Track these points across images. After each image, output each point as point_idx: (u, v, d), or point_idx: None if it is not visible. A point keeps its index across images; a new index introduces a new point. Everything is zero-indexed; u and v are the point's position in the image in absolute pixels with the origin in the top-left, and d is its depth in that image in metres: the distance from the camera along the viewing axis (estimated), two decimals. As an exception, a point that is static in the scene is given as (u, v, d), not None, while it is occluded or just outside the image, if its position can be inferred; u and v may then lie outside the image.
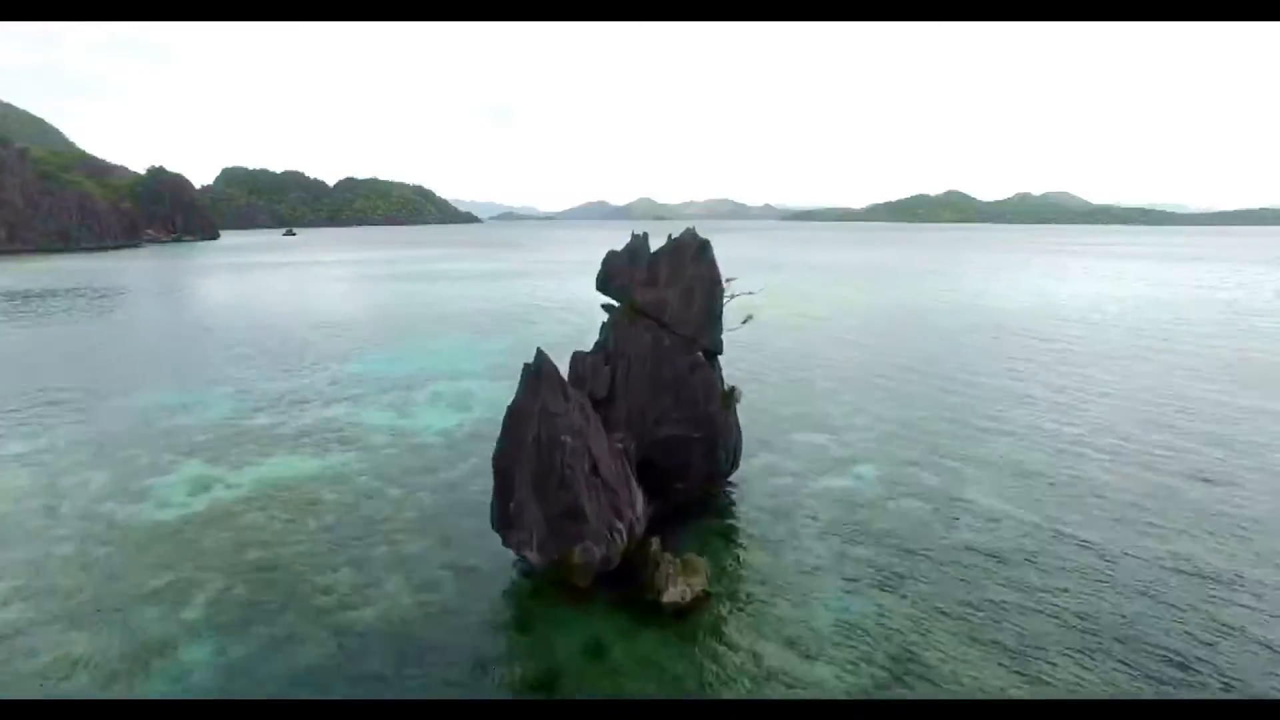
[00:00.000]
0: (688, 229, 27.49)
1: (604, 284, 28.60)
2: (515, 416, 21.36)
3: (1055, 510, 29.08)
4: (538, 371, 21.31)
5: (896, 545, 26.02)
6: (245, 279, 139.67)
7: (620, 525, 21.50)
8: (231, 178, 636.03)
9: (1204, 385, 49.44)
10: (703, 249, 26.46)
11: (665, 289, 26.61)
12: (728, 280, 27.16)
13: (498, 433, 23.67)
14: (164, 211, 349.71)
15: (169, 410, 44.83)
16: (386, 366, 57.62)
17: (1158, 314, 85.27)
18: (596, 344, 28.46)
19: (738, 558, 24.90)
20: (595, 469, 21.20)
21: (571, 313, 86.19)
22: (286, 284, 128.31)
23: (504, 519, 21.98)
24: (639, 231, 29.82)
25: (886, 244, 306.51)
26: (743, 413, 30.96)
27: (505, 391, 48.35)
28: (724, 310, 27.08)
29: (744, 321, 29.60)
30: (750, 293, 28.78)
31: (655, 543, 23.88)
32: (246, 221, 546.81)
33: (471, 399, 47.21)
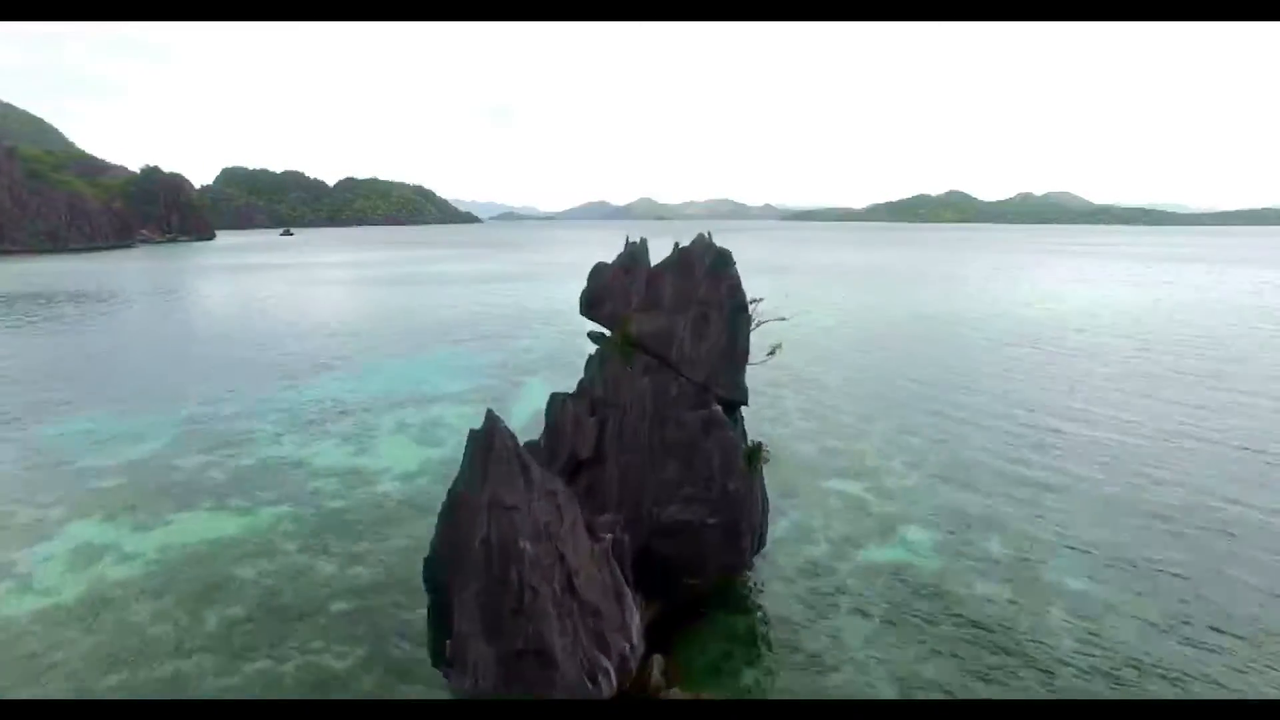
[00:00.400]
0: (700, 234, 21.13)
1: (589, 307, 22.14)
2: (456, 508, 14.97)
3: (1169, 603, 22.59)
4: (487, 444, 14.86)
5: (979, 657, 19.51)
6: (229, 282, 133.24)
7: (607, 663, 15.06)
8: (231, 177, 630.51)
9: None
10: (720, 262, 19.95)
11: (671, 315, 20.16)
12: (753, 302, 20.71)
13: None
14: (158, 212, 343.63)
15: (89, 442, 38.42)
16: (353, 386, 51.17)
17: (1207, 322, 78.55)
18: (580, 384, 22.01)
19: (771, 684, 18.39)
20: (570, 584, 14.79)
21: (564, 322, 79.70)
22: (271, 288, 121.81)
23: (441, 653, 15.53)
24: (636, 238, 23.40)
25: (890, 244, 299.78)
26: (762, 454, 24.41)
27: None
28: (750, 344, 20.60)
29: (770, 354, 23.14)
30: (782, 318, 22.34)
31: (657, 666, 17.46)
32: (246, 221, 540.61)
33: (443, 430, 40.74)
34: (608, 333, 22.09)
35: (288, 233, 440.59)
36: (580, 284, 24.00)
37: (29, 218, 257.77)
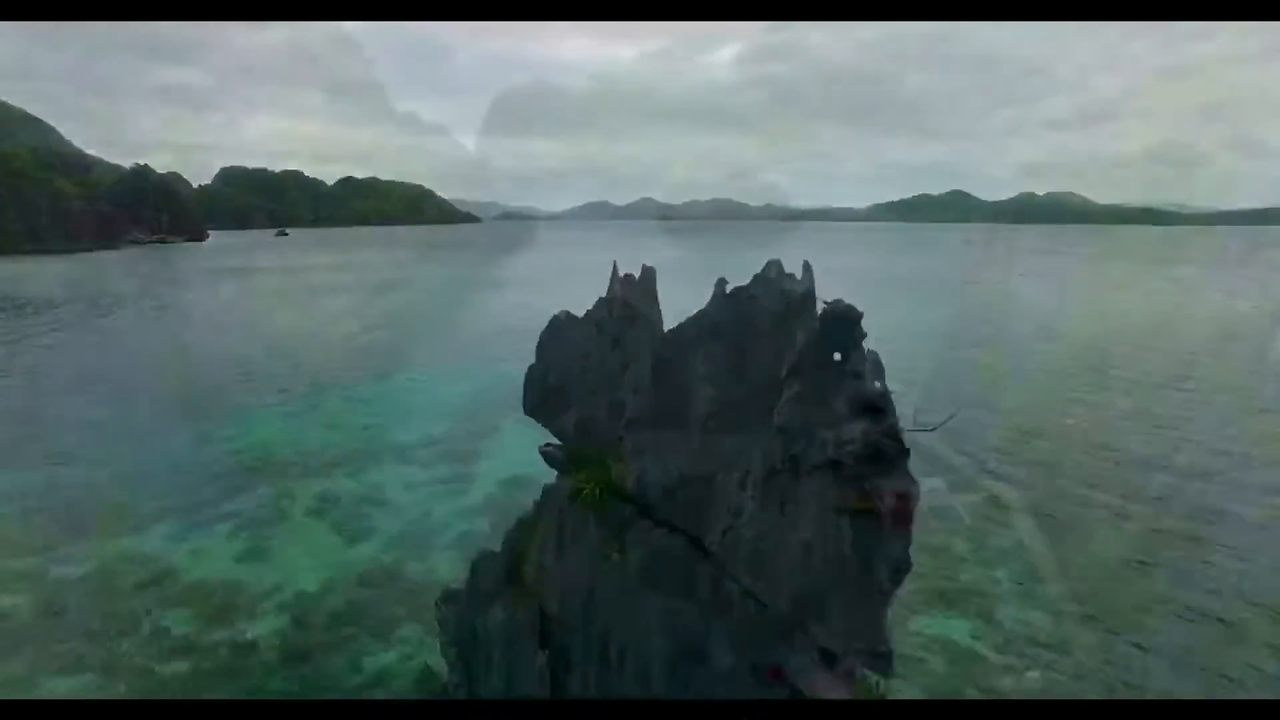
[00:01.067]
0: (773, 262, 10.47)
1: (539, 405, 11.48)
2: None
3: None
4: None
5: None
6: (200, 290, 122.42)
7: None
8: (229, 177, 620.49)
9: None
10: (836, 328, 8.85)
11: (712, 441, 9.49)
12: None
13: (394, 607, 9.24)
14: (148, 212, 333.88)
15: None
16: (280, 434, 40.50)
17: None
18: (515, 561, 11.22)
19: None
20: None
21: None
22: (243, 296, 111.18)
23: None
24: (632, 270, 12.76)
25: (897, 246, 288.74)
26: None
27: (435, 500, 30.93)
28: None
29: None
30: (930, 427, 11.78)
31: None
32: (244, 221, 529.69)
33: (375, 512, 29.90)
34: (565, 457, 11.33)
35: (283, 233, 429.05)
36: (579, 287, 14.06)
37: (5, 217, 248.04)
